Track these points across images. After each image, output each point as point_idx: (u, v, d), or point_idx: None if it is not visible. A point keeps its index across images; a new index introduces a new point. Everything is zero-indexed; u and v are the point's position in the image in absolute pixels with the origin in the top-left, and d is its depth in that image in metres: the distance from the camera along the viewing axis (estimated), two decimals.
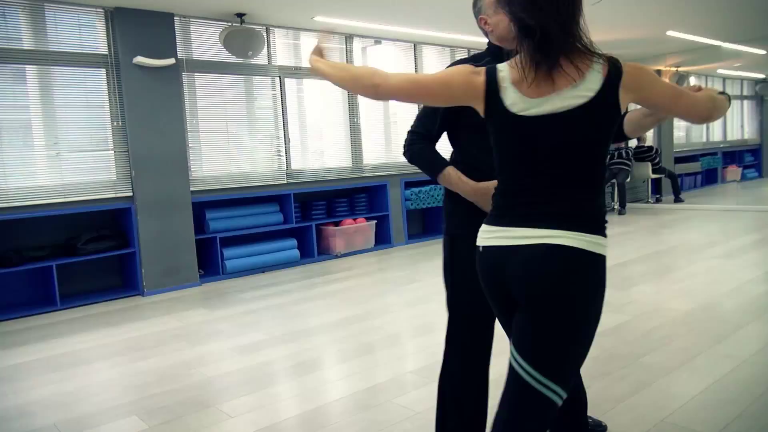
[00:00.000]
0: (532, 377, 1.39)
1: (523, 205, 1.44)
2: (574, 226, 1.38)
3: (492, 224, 1.49)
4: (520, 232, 1.41)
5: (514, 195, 1.46)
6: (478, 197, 1.86)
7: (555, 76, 1.38)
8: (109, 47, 5.15)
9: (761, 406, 2.44)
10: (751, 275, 4.71)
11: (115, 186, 5.23)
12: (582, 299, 1.39)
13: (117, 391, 3.06)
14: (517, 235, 1.42)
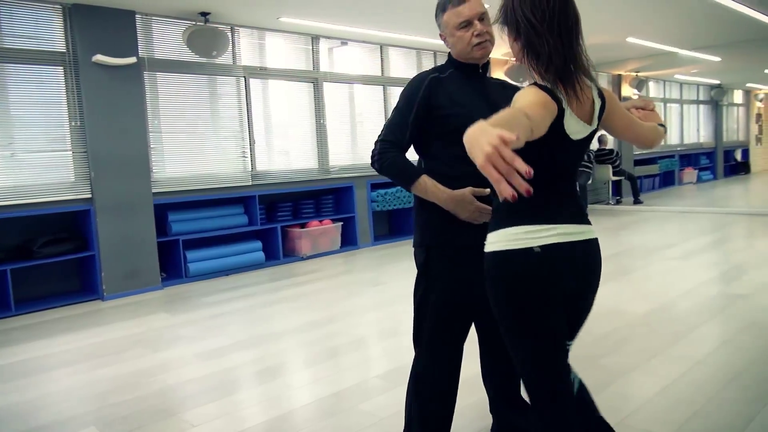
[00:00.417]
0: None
1: (561, 203, 1.53)
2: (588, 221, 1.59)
3: (539, 223, 1.46)
4: (574, 228, 1.51)
5: (550, 194, 1.50)
6: (456, 204, 1.86)
7: (585, 103, 1.48)
8: (67, 45, 5.00)
9: (714, 407, 2.53)
10: (706, 276, 4.88)
11: (74, 187, 5.09)
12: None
13: (75, 401, 2.98)
14: (573, 231, 1.51)
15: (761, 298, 4.13)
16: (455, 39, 1.93)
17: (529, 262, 1.44)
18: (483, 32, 1.90)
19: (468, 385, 2.42)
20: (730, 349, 3.19)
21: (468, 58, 1.96)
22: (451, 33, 1.93)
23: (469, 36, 1.90)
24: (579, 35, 1.45)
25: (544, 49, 1.40)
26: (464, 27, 1.90)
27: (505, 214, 1.50)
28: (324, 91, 6.93)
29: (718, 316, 3.80)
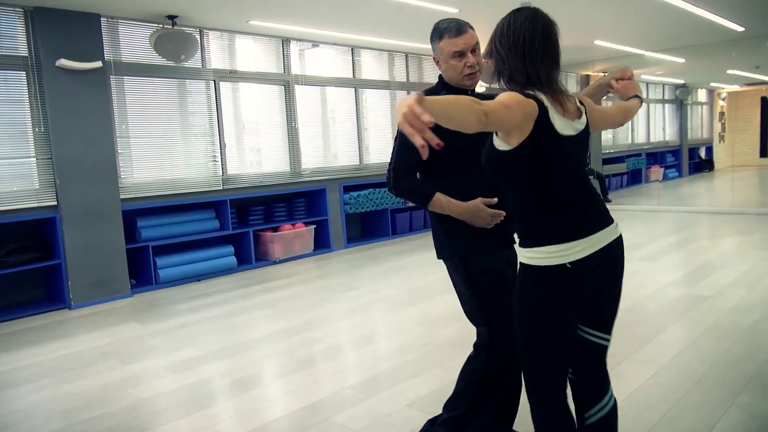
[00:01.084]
0: (606, 341, 1.81)
1: (587, 213, 1.70)
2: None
3: (569, 240, 1.64)
4: (601, 235, 1.69)
5: (573, 206, 1.69)
6: (470, 215, 2.05)
7: (570, 108, 1.68)
8: (29, 49, 4.88)
9: (678, 412, 2.60)
10: (672, 278, 5.00)
11: (38, 195, 4.98)
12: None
13: (42, 418, 2.92)
14: (601, 238, 1.69)
15: (723, 299, 4.25)
16: (448, 66, 2.12)
17: (561, 276, 1.65)
18: (473, 64, 2.11)
19: None
20: (694, 352, 3.28)
21: (459, 84, 2.17)
22: (445, 60, 2.12)
23: (462, 66, 2.10)
24: (542, 58, 1.64)
25: (506, 70, 1.68)
26: (457, 57, 2.09)
27: (537, 233, 1.68)
28: (295, 94, 6.89)
29: (683, 318, 3.90)
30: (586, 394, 1.83)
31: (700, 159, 16.14)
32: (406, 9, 5.64)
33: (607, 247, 1.70)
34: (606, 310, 1.80)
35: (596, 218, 1.71)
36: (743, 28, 7.55)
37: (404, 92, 8.21)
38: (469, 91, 2.18)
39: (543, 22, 1.67)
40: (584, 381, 1.83)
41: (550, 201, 1.68)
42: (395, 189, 2.15)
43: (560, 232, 1.65)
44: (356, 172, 7.62)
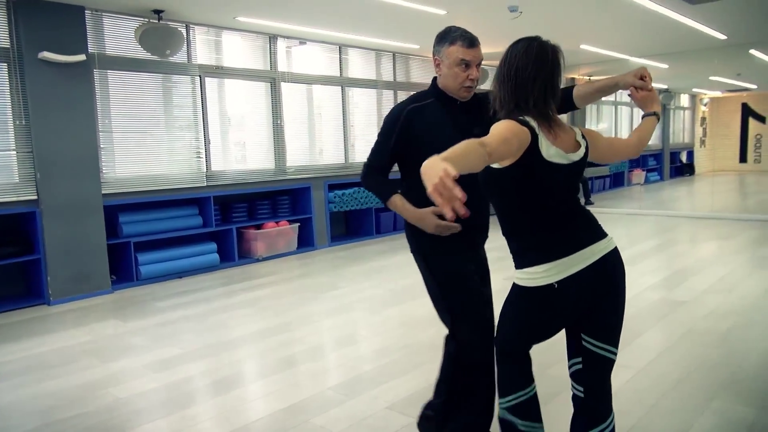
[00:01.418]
0: (612, 353, 1.85)
1: (573, 232, 1.78)
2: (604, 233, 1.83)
3: (554, 259, 1.72)
4: (588, 252, 1.75)
5: (560, 227, 1.78)
6: (418, 221, 2.16)
7: (564, 138, 1.77)
8: (11, 41, 4.81)
9: (654, 416, 2.65)
10: (650, 282, 5.07)
11: (17, 189, 4.91)
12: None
13: (18, 418, 2.89)
14: (587, 255, 1.74)
15: (700, 305, 4.33)
16: (451, 72, 2.14)
17: (549, 296, 1.74)
18: (475, 78, 2.15)
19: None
20: (670, 357, 3.34)
21: (452, 93, 2.19)
22: (449, 65, 2.13)
23: (464, 77, 2.13)
24: (533, 86, 1.74)
25: (499, 96, 1.80)
26: (463, 66, 2.12)
27: (524, 253, 1.78)
28: (282, 91, 6.87)
29: (660, 323, 3.97)
30: (592, 409, 1.88)
31: (681, 163, 16.37)
32: (394, 9, 5.65)
33: (598, 262, 1.75)
34: (607, 322, 1.83)
35: (584, 236, 1.77)
36: (725, 37, 7.67)
37: (391, 92, 8.22)
38: (458, 101, 2.20)
39: (538, 51, 1.75)
40: (592, 396, 1.87)
41: (536, 221, 1.77)
42: (364, 183, 2.31)
43: (545, 252, 1.73)
44: (341, 171, 7.61)
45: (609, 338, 1.84)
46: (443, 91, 2.20)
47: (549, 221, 1.77)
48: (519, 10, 5.71)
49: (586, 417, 1.89)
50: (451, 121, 2.16)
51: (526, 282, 1.77)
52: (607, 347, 1.84)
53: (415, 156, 2.07)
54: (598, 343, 1.83)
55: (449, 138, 1.93)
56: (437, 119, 2.16)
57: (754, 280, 5.00)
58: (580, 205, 1.86)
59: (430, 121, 2.16)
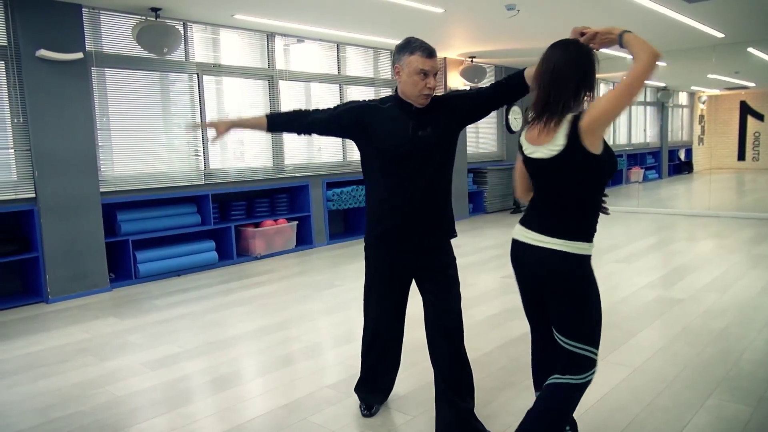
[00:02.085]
0: (565, 343, 2.04)
1: (531, 216, 2.06)
2: (559, 235, 1.96)
3: (520, 224, 2.09)
4: (530, 234, 2.02)
5: (531, 207, 2.08)
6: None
7: (534, 133, 1.97)
8: (8, 39, 4.80)
9: (649, 414, 2.66)
10: (647, 280, 5.09)
11: (16, 187, 4.91)
12: (576, 287, 1.99)
13: (15, 416, 2.90)
14: (527, 236, 2.03)
15: (696, 303, 4.35)
16: (410, 80, 2.29)
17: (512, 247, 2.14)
18: (433, 87, 2.30)
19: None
20: (666, 355, 3.35)
21: (411, 100, 2.35)
22: (408, 74, 2.29)
23: (422, 85, 2.28)
24: (547, 89, 1.94)
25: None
26: (422, 75, 2.27)
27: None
28: (279, 89, 6.86)
29: (656, 321, 3.98)
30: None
31: (679, 161, 16.38)
32: (392, 7, 5.65)
33: (526, 249, 2.02)
34: (558, 312, 2.03)
35: (536, 221, 2.02)
36: (723, 35, 7.68)
37: (388, 89, 8.22)
38: (414, 107, 2.35)
39: (564, 56, 1.96)
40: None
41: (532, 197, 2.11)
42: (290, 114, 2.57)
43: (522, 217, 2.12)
44: (339, 169, 7.61)
45: (563, 330, 2.01)
46: (401, 97, 2.37)
47: (532, 199, 2.10)
48: (516, 8, 5.71)
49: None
50: (404, 122, 2.34)
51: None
52: (562, 338, 2.02)
53: (366, 149, 2.46)
54: (555, 333, 2.04)
55: (399, 134, 2.32)
56: (392, 116, 2.37)
57: (750, 278, 5.02)
58: (563, 204, 1.97)
59: (385, 116, 2.37)
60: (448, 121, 2.37)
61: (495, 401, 2.85)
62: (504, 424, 2.60)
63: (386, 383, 2.79)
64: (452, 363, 2.44)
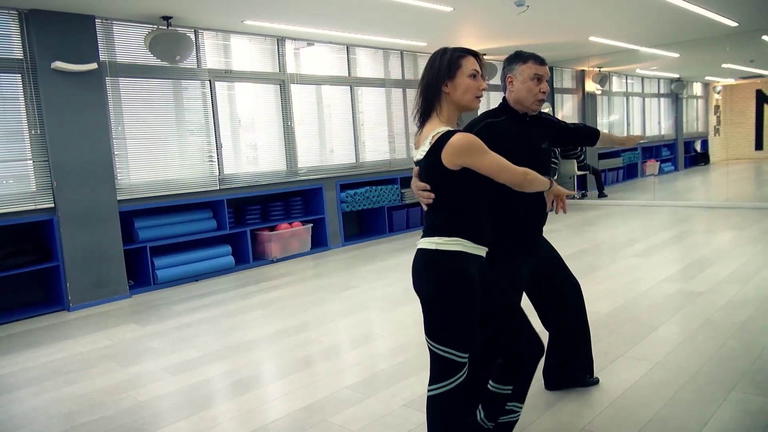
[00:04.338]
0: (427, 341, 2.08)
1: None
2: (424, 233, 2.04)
3: None
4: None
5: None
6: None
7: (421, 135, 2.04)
8: (24, 51, 4.88)
9: (671, 409, 2.64)
10: (666, 273, 5.04)
11: (35, 197, 4.99)
12: (429, 288, 2.01)
13: (42, 422, 2.95)
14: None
15: (717, 295, 4.30)
16: (524, 87, 2.41)
17: None
18: (546, 91, 2.45)
19: None
20: (687, 349, 3.32)
21: (522, 107, 2.46)
22: (523, 80, 2.41)
23: (537, 90, 2.42)
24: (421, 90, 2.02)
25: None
26: (536, 80, 2.41)
27: None
28: (291, 93, 6.90)
29: (677, 315, 3.94)
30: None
31: (695, 152, 16.18)
32: (401, 7, 5.66)
33: (415, 254, 2.06)
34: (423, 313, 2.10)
35: (424, 226, 2.08)
36: (737, 23, 7.58)
37: (399, 90, 8.23)
38: (528, 116, 2.47)
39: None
40: None
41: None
42: None
43: None
44: (353, 170, 7.64)
45: (425, 331, 2.04)
46: (513, 108, 2.46)
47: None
48: (526, 4, 5.69)
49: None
50: (524, 136, 2.44)
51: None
52: (427, 338, 2.04)
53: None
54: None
55: (523, 150, 2.36)
56: (512, 134, 2.42)
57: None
58: (440, 205, 2.01)
59: (507, 135, 2.39)
60: (549, 136, 2.59)
61: None
62: (523, 422, 2.59)
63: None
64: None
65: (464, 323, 1.96)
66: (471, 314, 1.97)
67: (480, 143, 1.91)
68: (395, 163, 8.17)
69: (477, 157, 1.91)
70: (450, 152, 1.90)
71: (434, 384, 1.99)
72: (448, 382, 1.96)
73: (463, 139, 1.89)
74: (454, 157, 1.90)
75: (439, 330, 1.97)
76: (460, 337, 1.96)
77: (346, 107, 7.65)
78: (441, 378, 1.98)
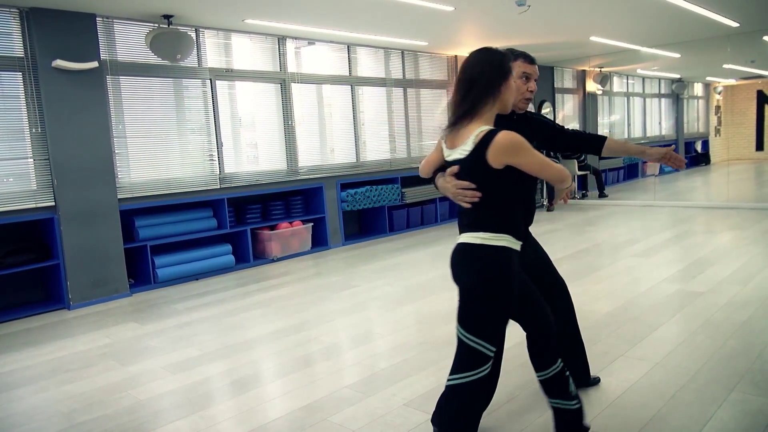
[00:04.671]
0: (459, 332, 2.09)
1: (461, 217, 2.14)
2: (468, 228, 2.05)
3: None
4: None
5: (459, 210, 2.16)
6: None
7: (450, 138, 2.08)
8: (25, 50, 4.88)
9: (671, 409, 2.64)
10: (666, 273, 5.04)
11: (35, 196, 4.99)
12: (470, 282, 2.02)
13: (41, 421, 2.95)
14: (460, 237, 2.10)
15: (717, 296, 4.29)
16: (514, 85, 2.33)
17: None
18: (533, 90, 2.50)
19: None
20: (687, 349, 3.32)
21: (513, 106, 2.38)
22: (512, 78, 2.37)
23: (525, 89, 2.47)
24: (461, 94, 2.03)
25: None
26: (524, 79, 2.47)
27: None
28: (292, 92, 6.90)
29: (677, 315, 3.94)
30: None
31: (696, 153, 16.17)
32: (402, 6, 5.66)
33: (456, 246, 2.09)
34: (459, 305, 2.07)
35: (460, 224, 2.12)
36: (738, 24, 7.57)
37: (400, 89, 8.23)
38: (515, 114, 2.50)
39: (468, 60, 2.08)
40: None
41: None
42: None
43: None
44: (353, 170, 7.64)
45: (460, 322, 2.06)
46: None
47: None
48: (527, 4, 5.68)
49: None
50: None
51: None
52: (461, 330, 2.06)
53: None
54: (457, 324, 2.09)
55: None
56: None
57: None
58: (485, 203, 2.02)
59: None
60: (533, 138, 2.54)
61: (518, 397, 2.84)
62: (525, 422, 2.59)
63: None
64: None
65: (501, 317, 2.02)
66: (508, 309, 2.02)
67: (525, 141, 1.95)
68: (396, 163, 8.18)
69: (522, 155, 1.95)
70: (497, 151, 1.93)
71: (458, 374, 2.02)
72: (473, 374, 2.00)
73: (509, 137, 1.92)
74: (501, 155, 1.93)
75: (476, 321, 2.00)
76: (494, 331, 2.02)
77: (347, 106, 7.65)
78: (466, 368, 2.01)
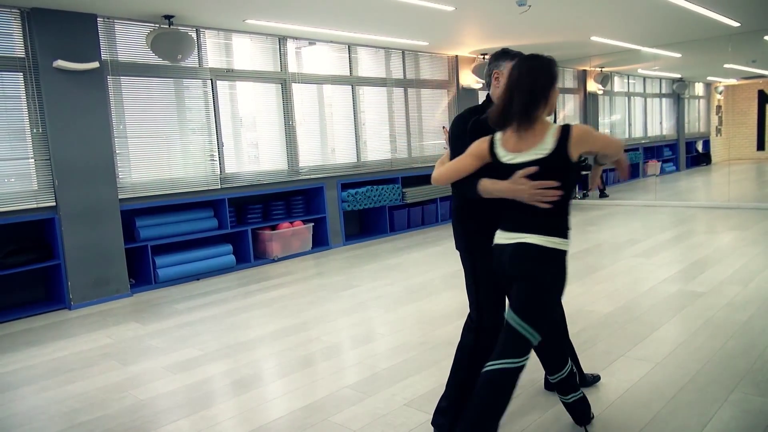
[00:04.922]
0: (519, 326, 2.13)
1: (514, 217, 2.18)
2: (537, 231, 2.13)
3: (499, 229, 2.24)
4: (515, 235, 2.16)
5: (508, 209, 2.20)
6: (513, 192, 2.20)
7: (517, 141, 2.15)
8: (26, 50, 4.88)
9: (671, 410, 2.64)
10: (667, 274, 5.04)
11: (37, 196, 4.99)
12: (541, 278, 2.13)
13: (42, 421, 2.95)
14: (513, 237, 2.17)
15: (718, 296, 4.29)
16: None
17: (494, 253, 2.27)
18: None
19: None
20: (688, 349, 3.32)
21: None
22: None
23: None
24: (515, 101, 2.11)
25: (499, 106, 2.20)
26: None
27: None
28: (292, 92, 6.90)
29: (677, 315, 3.94)
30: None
31: (697, 153, 16.16)
32: (403, 6, 5.66)
33: (510, 245, 2.15)
34: (518, 298, 2.14)
35: (518, 223, 2.16)
36: (739, 24, 7.57)
37: (401, 89, 8.23)
38: None
39: (522, 67, 2.14)
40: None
41: (496, 204, 2.22)
42: (453, 185, 2.47)
43: (501, 222, 2.25)
44: (354, 170, 7.64)
45: (520, 312, 2.12)
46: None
47: (503, 205, 2.20)
48: (527, 4, 5.68)
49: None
50: None
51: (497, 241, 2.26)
52: (517, 319, 2.11)
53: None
54: (512, 314, 2.14)
55: None
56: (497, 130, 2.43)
57: None
58: (561, 202, 2.11)
59: (492, 131, 2.36)
60: None
61: (518, 397, 2.84)
62: (526, 422, 2.59)
63: None
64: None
65: (552, 311, 2.18)
66: (557, 304, 2.23)
67: (591, 127, 2.15)
68: (396, 163, 8.18)
69: (596, 138, 2.14)
70: (577, 141, 2.08)
71: (502, 359, 2.09)
72: (517, 360, 2.08)
73: (582, 127, 2.11)
74: (581, 145, 2.09)
75: (535, 311, 2.11)
76: (546, 322, 2.16)
77: (348, 106, 7.65)
78: (512, 354, 2.09)
